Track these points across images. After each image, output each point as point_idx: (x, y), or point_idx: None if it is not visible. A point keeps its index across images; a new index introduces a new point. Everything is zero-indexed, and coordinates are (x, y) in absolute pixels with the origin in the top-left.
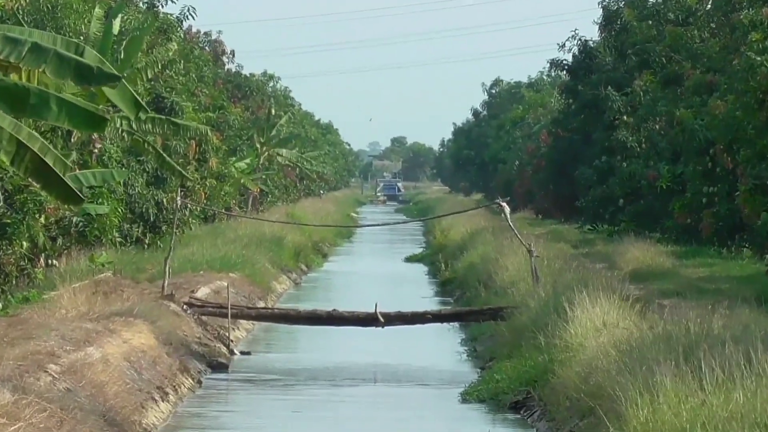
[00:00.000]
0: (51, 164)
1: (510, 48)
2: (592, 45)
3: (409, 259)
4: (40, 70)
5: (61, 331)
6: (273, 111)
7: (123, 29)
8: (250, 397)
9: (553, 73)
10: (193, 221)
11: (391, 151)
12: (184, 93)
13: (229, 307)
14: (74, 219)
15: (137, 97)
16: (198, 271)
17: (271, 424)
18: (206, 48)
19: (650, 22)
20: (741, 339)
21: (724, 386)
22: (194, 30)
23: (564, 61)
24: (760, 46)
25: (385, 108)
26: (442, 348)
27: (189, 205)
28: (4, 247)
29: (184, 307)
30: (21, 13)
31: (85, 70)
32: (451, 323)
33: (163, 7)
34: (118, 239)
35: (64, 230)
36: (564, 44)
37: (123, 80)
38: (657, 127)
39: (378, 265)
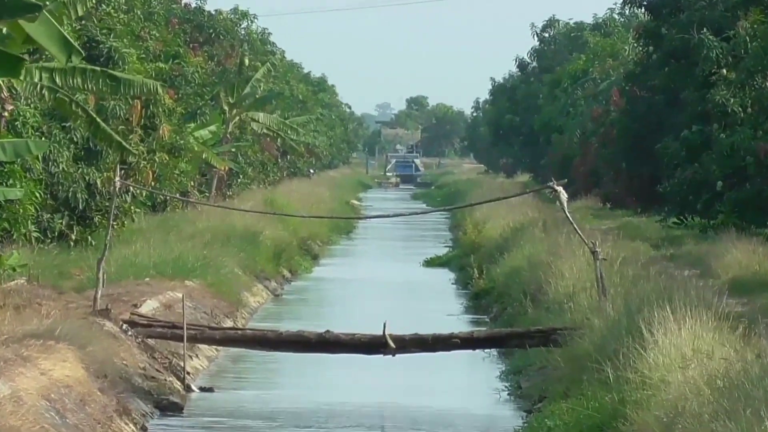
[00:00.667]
0: None
1: None
2: None
3: (430, 263)
4: None
5: None
6: (247, 61)
7: None
8: None
9: (627, 12)
10: (137, 210)
11: (407, 116)
12: (125, 36)
13: (185, 327)
14: None
15: (68, 36)
16: (143, 278)
17: None
18: None
19: None
20: None
21: None
22: None
23: None
24: None
25: (399, 58)
26: (475, 384)
27: (131, 189)
28: None
29: (125, 326)
30: None
31: None
32: (486, 350)
33: None
34: (35, 234)
35: None
36: None
37: (46, 13)
38: None
39: (387, 271)
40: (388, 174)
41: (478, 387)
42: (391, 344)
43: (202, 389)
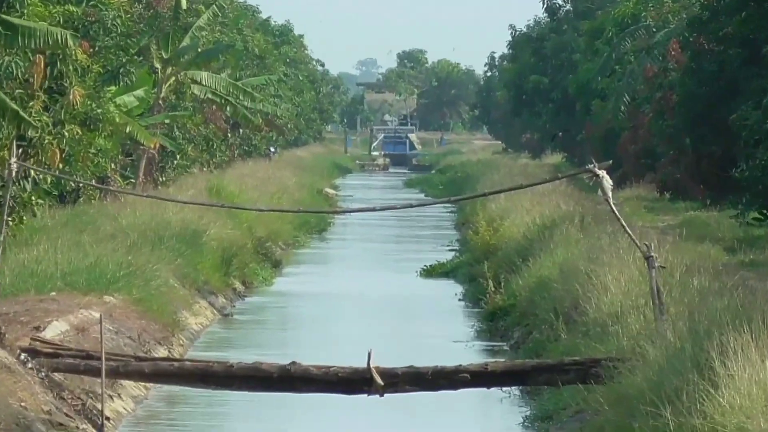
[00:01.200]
0: None
1: None
2: None
3: (430, 273)
4: None
5: None
6: (184, 3)
7: None
8: None
9: None
10: (40, 201)
11: (399, 76)
12: None
13: (104, 357)
14: None
15: None
16: (48, 292)
17: None
18: None
19: None
20: None
21: None
22: None
23: None
24: None
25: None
26: None
27: (33, 173)
28: None
29: (23, 356)
30: None
31: None
32: (505, 388)
33: None
34: None
35: None
36: None
37: None
38: None
39: (373, 283)
40: (373, 154)
41: None
42: (378, 380)
43: None
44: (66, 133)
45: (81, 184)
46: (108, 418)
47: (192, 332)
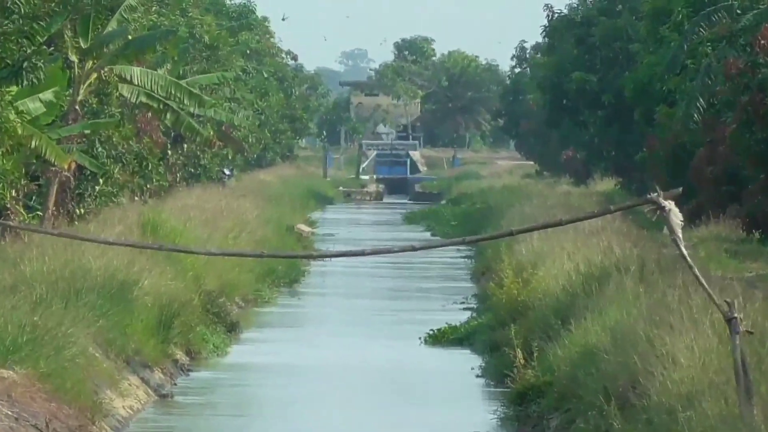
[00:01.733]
0: None
1: None
2: None
3: (438, 339)
4: None
5: None
6: None
7: None
8: None
9: None
10: None
11: (396, 72)
12: None
13: None
14: None
15: None
16: None
17: None
18: None
19: None
20: None
21: None
22: None
23: None
24: None
25: None
26: None
27: None
28: None
29: None
30: None
31: None
32: None
33: None
34: None
35: None
36: None
37: None
38: None
39: (361, 354)
40: (363, 178)
41: None
42: None
43: None
44: None
45: None
46: None
47: (119, 419)
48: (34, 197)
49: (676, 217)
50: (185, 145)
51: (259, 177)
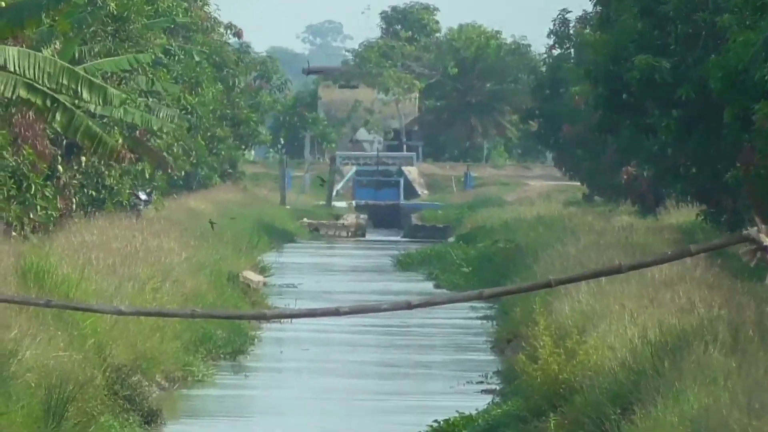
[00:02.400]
0: None
1: None
2: None
3: None
4: None
5: None
6: None
7: None
8: None
9: None
10: None
11: (383, 54)
12: None
13: None
14: None
15: None
16: None
17: None
18: None
19: None
20: None
21: None
22: None
23: None
24: None
25: None
26: None
27: None
28: None
29: None
30: None
31: None
32: None
33: None
34: None
35: None
36: None
37: None
38: None
39: None
40: (337, 205)
41: None
42: None
43: None
44: None
45: None
46: None
47: None
48: None
49: None
50: (83, 159)
51: (189, 204)
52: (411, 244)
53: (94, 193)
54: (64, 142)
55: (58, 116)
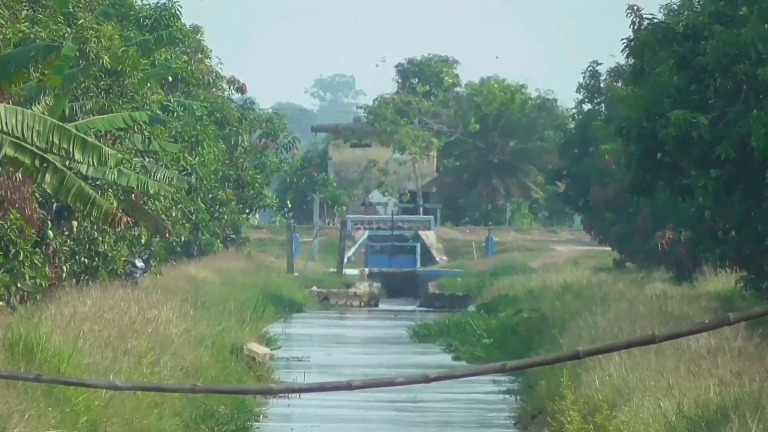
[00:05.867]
0: None
1: None
2: None
3: None
4: None
5: None
6: None
7: None
8: None
9: None
10: None
11: (398, 110)
12: None
13: None
14: None
15: None
16: None
17: None
18: None
19: None
20: None
21: None
22: None
23: None
24: None
25: None
26: None
27: None
28: None
29: None
30: None
31: None
32: None
33: None
34: None
35: None
36: None
37: None
38: None
39: None
40: (348, 272)
41: None
42: None
43: None
44: None
45: None
46: None
47: None
48: None
49: None
50: (74, 223)
51: (189, 271)
52: (428, 313)
53: (86, 261)
54: (55, 205)
55: (48, 177)
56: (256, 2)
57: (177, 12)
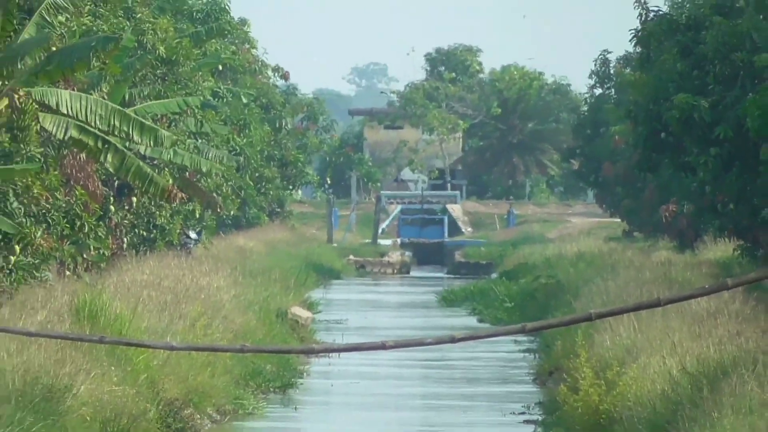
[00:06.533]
0: None
1: None
2: None
3: None
4: None
5: None
6: None
7: None
8: None
9: None
10: None
11: (428, 96)
12: None
13: None
14: None
15: None
16: None
17: None
18: None
19: None
20: None
21: None
22: None
23: None
24: None
25: None
26: None
27: None
28: None
29: None
30: None
31: None
32: None
33: None
34: None
35: None
36: None
37: None
38: None
39: None
40: (382, 243)
41: None
42: None
43: None
44: None
45: None
46: None
47: None
48: None
49: None
50: (134, 199)
51: (238, 242)
52: (454, 280)
53: (145, 233)
54: (116, 182)
55: (109, 157)
56: None
57: (226, 6)
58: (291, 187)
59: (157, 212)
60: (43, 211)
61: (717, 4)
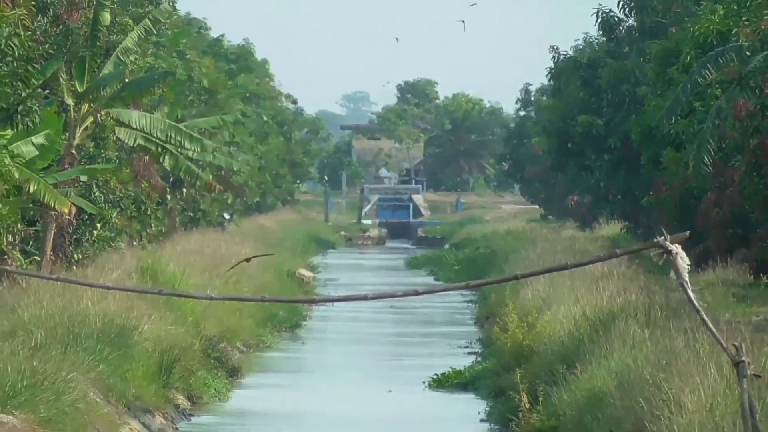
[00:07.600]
0: None
1: None
2: None
3: (442, 384)
4: None
5: None
6: (107, 16)
7: None
8: None
9: None
10: None
11: (398, 116)
12: None
13: None
14: None
15: None
16: None
17: None
18: None
19: None
20: None
21: None
22: None
23: None
24: None
25: (382, 13)
26: None
27: None
28: None
29: None
30: None
31: None
32: None
33: None
34: None
35: None
36: None
37: None
38: None
39: (363, 399)
40: (365, 222)
41: None
42: None
43: None
44: None
45: None
46: None
47: None
48: (31, 242)
49: (683, 261)
50: (184, 190)
51: (259, 222)
52: (417, 250)
53: (191, 215)
54: (171, 178)
55: (166, 160)
56: (308, 34)
57: (252, 49)
58: (298, 181)
59: (201, 200)
60: (118, 198)
61: (609, 49)
